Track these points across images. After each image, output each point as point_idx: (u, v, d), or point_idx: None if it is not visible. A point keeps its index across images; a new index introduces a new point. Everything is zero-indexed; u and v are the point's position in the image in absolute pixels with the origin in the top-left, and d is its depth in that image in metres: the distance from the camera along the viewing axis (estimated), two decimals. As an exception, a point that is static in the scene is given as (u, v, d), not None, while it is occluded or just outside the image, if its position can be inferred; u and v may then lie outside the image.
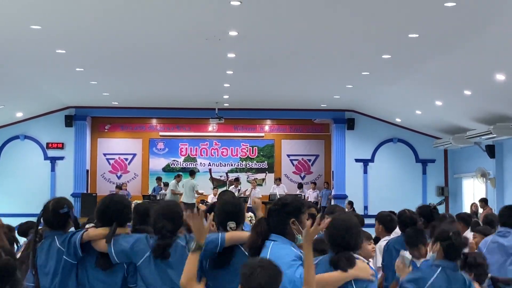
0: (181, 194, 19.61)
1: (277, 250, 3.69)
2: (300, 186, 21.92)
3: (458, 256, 4.35)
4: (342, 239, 3.73)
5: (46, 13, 9.72)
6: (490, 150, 17.75)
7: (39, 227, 4.42)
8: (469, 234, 7.40)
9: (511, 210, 6.28)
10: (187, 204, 18.59)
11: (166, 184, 20.56)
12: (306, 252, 3.52)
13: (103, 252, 4.16)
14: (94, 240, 4.19)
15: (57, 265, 4.20)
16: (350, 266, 3.64)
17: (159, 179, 21.41)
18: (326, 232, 3.80)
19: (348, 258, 3.67)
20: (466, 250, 4.70)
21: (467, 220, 8.18)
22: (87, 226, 4.38)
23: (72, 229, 4.43)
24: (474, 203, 16.99)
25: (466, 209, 17.99)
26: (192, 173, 19.86)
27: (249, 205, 18.85)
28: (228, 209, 4.31)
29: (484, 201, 15.91)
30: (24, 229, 7.02)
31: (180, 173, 20.78)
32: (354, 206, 19.01)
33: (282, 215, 3.83)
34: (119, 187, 20.71)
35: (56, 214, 4.32)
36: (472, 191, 19.93)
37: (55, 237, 4.28)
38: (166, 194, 19.85)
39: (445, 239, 4.30)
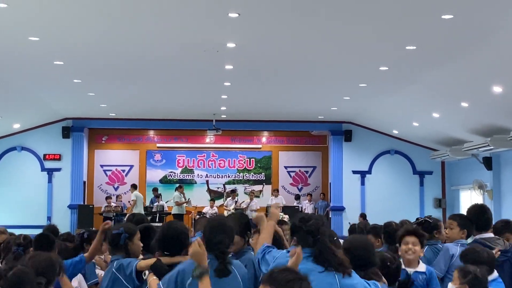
0: (187, 202, 19.83)
1: None
2: (297, 197, 21.87)
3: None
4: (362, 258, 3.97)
5: (44, 25, 9.74)
6: (487, 162, 17.76)
7: None
8: None
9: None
10: (177, 215, 18.79)
11: (159, 196, 20.50)
12: None
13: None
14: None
15: None
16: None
17: (155, 189, 21.35)
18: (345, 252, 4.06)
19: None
20: None
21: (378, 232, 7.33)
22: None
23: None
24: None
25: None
26: (180, 187, 20.32)
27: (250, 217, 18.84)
28: None
29: None
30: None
31: (182, 184, 20.97)
32: (366, 218, 18.52)
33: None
34: (109, 197, 20.67)
35: (111, 233, 4.54)
36: (470, 203, 19.84)
37: (115, 261, 4.44)
38: (163, 206, 19.83)
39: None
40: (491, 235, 5.70)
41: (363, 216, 18.93)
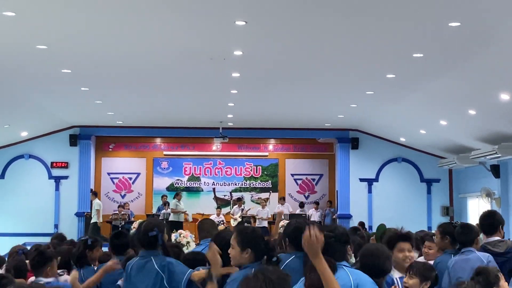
0: (183, 212, 19.74)
1: (356, 273, 3.74)
2: (301, 205, 21.77)
3: None
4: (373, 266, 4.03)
5: (52, 33, 9.78)
6: (495, 170, 17.68)
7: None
8: None
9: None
10: (175, 222, 18.79)
11: (166, 203, 20.51)
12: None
13: None
14: None
15: (154, 286, 4.43)
16: None
17: (164, 196, 21.30)
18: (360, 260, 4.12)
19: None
20: None
21: None
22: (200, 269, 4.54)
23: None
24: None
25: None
26: (177, 195, 20.34)
27: (259, 225, 18.91)
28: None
29: None
30: None
31: (179, 191, 21.00)
32: (365, 227, 18.31)
33: (340, 245, 3.85)
34: (122, 206, 20.67)
35: (145, 236, 4.51)
36: (477, 211, 19.80)
37: (152, 257, 4.47)
38: (169, 214, 19.84)
39: None
40: (497, 238, 5.82)
41: (361, 224, 18.83)
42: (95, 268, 5.94)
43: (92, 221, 19.22)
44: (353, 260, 4.01)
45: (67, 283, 5.21)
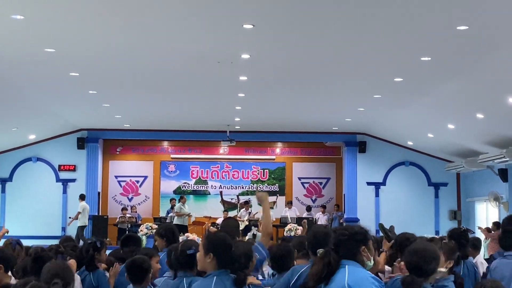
0: (188, 215, 19.73)
1: (356, 273, 3.70)
2: (308, 208, 21.71)
3: None
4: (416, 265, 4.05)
5: (60, 36, 9.81)
6: (503, 174, 17.61)
7: None
8: None
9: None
10: (180, 226, 18.78)
11: (174, 207, 20.53)
12: None
13: None
14: None
15: None
16: None
17: (172, 200, 21.31)
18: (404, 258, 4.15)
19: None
20: None
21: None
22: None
23: None
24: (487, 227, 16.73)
25: (478, 233, 17.76)
26: (181, 198, 20.36)
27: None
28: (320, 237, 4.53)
29: (496, 225, 15.63)
30: None
31: (184, 195, 21.06)
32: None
33: (352, 243, 3.82)
34: (125, 208, 20.71)
35: (183, 254, 4.57)
36: (485, 215, 19.74)
37: (184, 279, 4.55)
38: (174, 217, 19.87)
39: None
40: None
41: None
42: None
43: (78, 224, 19.19)
44: (370, 263, 3.91)
45: None
